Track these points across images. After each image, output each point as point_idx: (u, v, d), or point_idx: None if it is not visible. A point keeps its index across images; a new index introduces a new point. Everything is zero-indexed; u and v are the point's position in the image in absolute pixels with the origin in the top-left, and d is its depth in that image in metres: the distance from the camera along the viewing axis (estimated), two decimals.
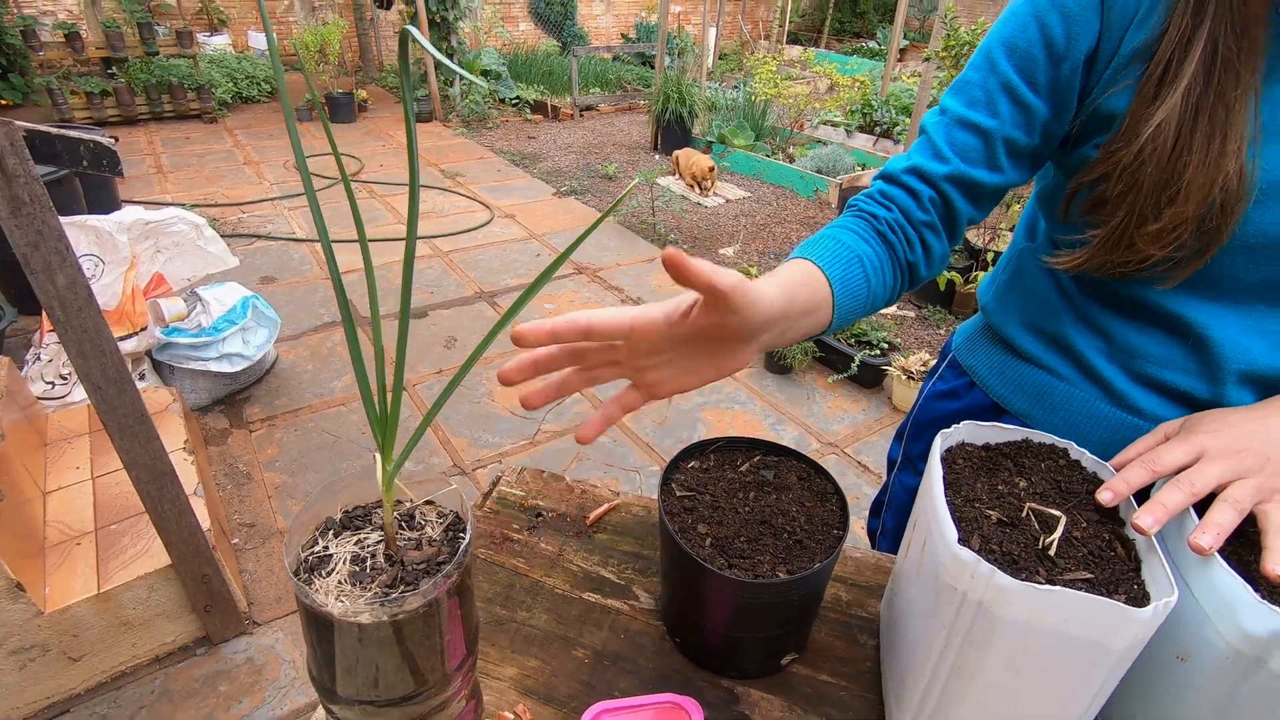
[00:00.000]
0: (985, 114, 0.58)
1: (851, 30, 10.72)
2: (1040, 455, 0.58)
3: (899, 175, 0.62)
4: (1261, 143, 0.50)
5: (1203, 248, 0.53)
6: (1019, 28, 0.57)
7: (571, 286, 3.35)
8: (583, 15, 9.00)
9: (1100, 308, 0.63)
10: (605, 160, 5.25)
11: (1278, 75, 0.51)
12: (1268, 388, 0.58)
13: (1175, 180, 0.50)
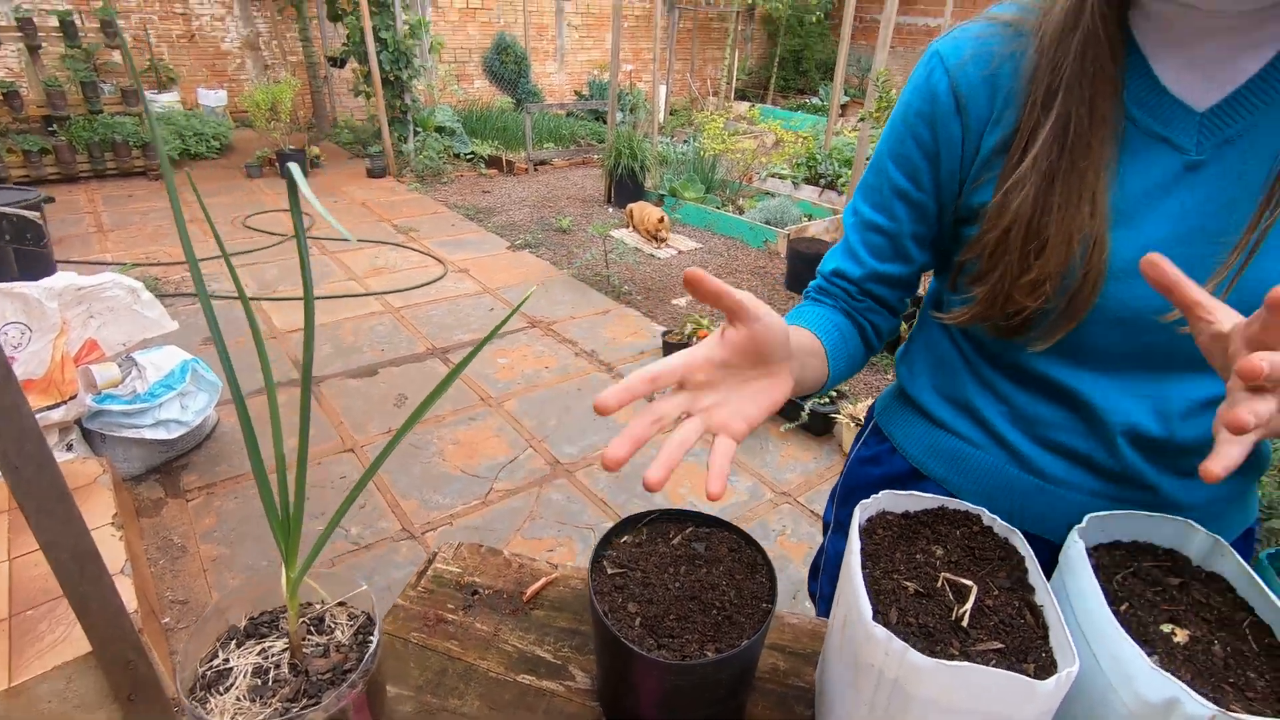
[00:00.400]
0: (887, 217, 0.67)
1: (795, 87, 11.22)
2: (955, 522, 0.60)
3: (830, 277, 0.72)
4: (1114, 224, 0.55)
5: (1071, 311, 0.57)
6: (898, 140, 0.64)
7: (525, 340, 3.35)
8: (536, 73, 9.23)
9: (999, 376, 0.67)
10: (559, 214, 5.32)
11: (1127, 159, 0.55)
12: (1155, 449, 0.62)
13: (1039, 236, 0.55)
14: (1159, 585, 0.55)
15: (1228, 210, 0.54)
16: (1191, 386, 0.60)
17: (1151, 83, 0.55)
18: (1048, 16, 0.56)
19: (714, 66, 10.89)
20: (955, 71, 0.60)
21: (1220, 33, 0.53)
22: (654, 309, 3.77)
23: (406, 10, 6.32)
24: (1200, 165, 0.54)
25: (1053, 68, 0.55)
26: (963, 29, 0.62)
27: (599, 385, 2.97)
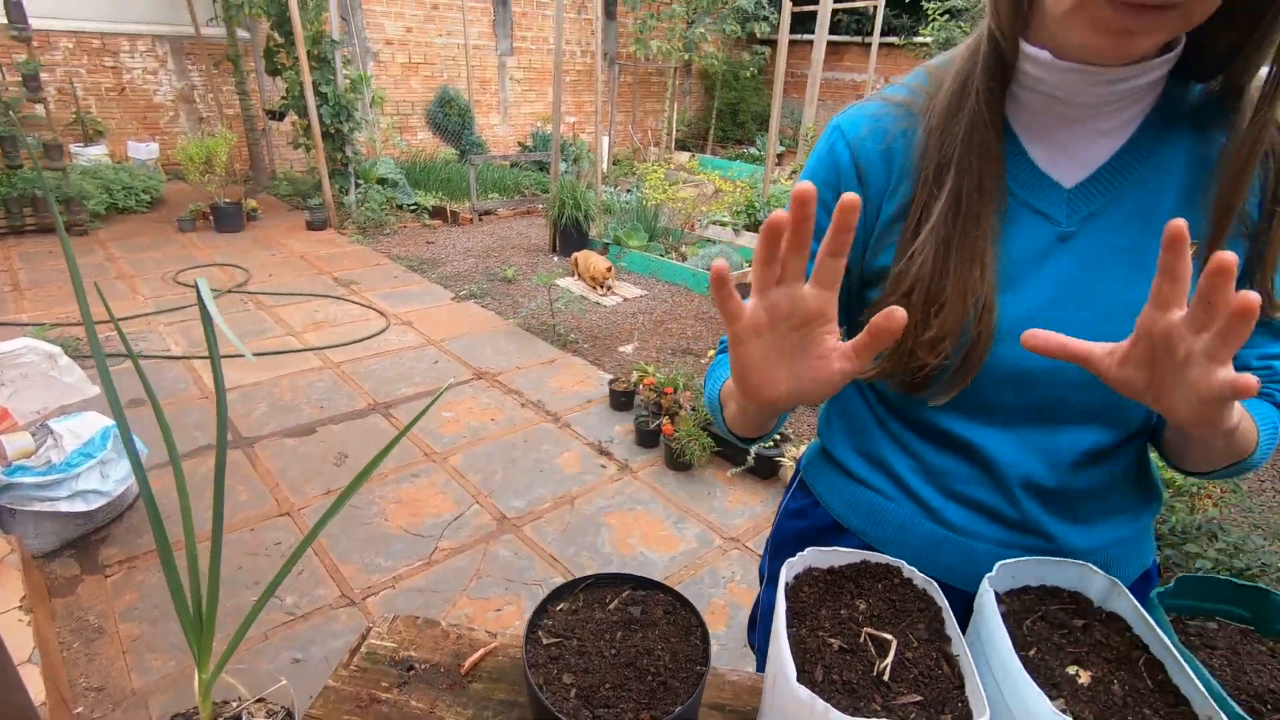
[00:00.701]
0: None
1: (733, 138, 11.66)
2: (877, 576, 0.63)
3: None
4: (1001, 288, 0.60)
5: (966, 368, 0.61)
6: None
7: (470, 393, 3.31)
8: (480, 125, 9.35)
9: (908, 432, 0.71)
10: (505, 263, 5.34)
11: (1009, 229, 0.61)
12: (1051, 498, 0.66)
13: (938, 297, 0.60)
14: (1065, 627, 0.59)
15: (1095, 276, 0.60)
16: (1078, 438, 0.64)
17: (1027, 162, 0.61)
18: (934, 101, 0.62)
19: (654, 118, 11.24)
20: (855, 145, 0.65)
21: (1080, 120, 0.59)
22: (600, 357, 3.79)
23: (347, 65, 6.35)
24: (1071, 236, 0.61)
25: (941, 146, 0.60)
26: (860, 107, 0.67)
27: (545, 437, 2.95)
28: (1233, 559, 1.85)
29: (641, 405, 3.00)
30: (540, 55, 9.82)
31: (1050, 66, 0.56)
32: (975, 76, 0.59)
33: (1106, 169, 0.60)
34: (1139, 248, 0.59)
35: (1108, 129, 0.59)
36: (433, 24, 8.67)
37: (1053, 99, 0.58)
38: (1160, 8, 0.47)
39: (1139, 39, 0.50)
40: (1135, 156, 0.59)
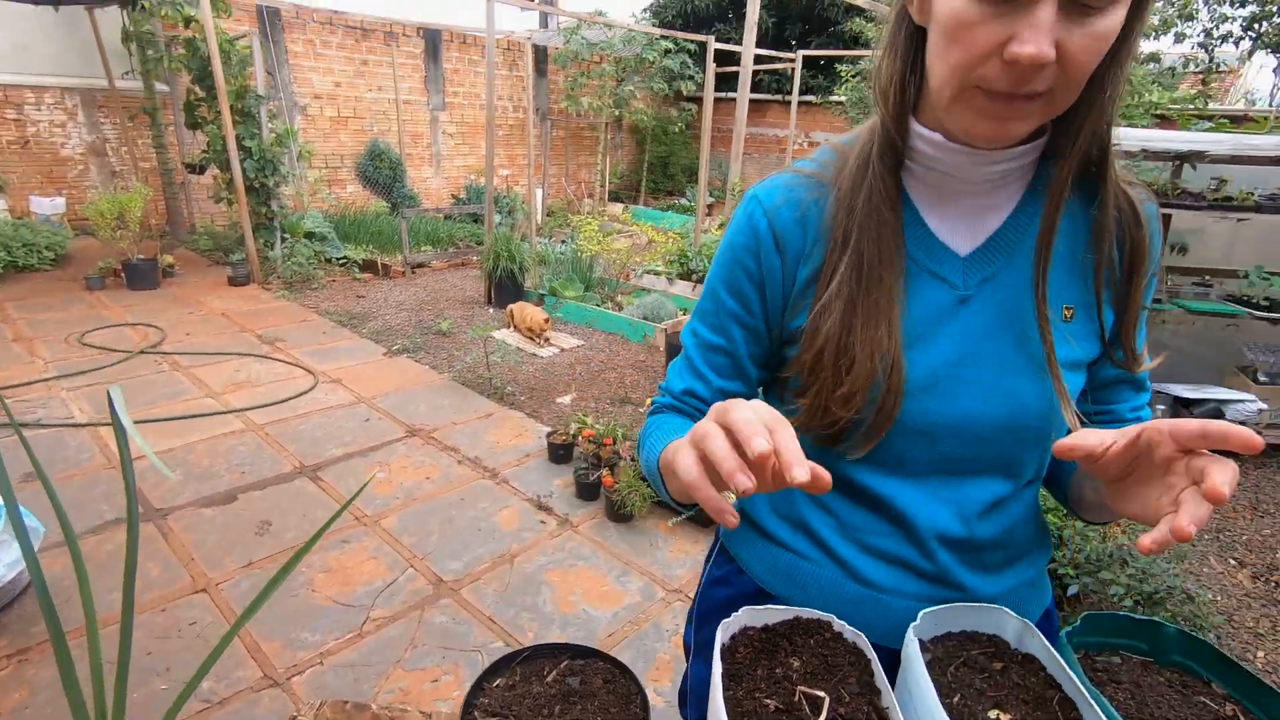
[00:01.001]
0: (724, 339, 0.73)
1: (665, 189, 12.00)
2: (809, 631, 0.64)
3: (681, 397, 0.77)
4: (907, 346, 0.65)
5: (878, 423, 0.65)
6: (728, 271, 0.72)
7: (404, 450, 3.21)
8: (413, 178, 9.32)
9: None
10: (439, 316, 5.27)
11: (912, 291, 0.66)
12: (961, 548, 0.69)
13: (847, 354, 0.64)
14: (985, 671, 0.61)
15: (991, 336, 0.65)
16: (983, 489, 0.69)
17: (926, 231, 0.67)
18: (841, 173, 0.68)
19: (587, 171, 11.47)
20: (771, 213, 0.69)
21: (970, 194, 0.66)
22: (538, 409, 3.76)
23: (273, 119, 6.26)
24: (968, 299, 0.66)
25: (848, 214, 0.65)
26: (775, 179, 0.72)
27: (483, 494, 2.89)
28: (1142, 583, 1.97)
29: (581, 457, 2.98)
30: (473, 110, 9.93)
31: (941, 147, 0.62)
32: (874, 152, 0.65)
33: (996, 239, 0.66)
34: (1026, 311, 0.65)
35: (994, 204, 0.66)
36: (362, 79, 8.67)
37: (945, 175, 0.65)
38: (1028, 97, 0.53)
39: (1014, 125, 0.56)
40: (1018, 228, 0.66)
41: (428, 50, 9.24)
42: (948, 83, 0.56)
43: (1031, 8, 0.49)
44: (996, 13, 0.50)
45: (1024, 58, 0.49)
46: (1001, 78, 0.52)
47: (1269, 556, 2.73)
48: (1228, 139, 3.51)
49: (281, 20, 7.77)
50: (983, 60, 0.52)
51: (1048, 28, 0.49)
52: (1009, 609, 0.65)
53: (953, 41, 0.53)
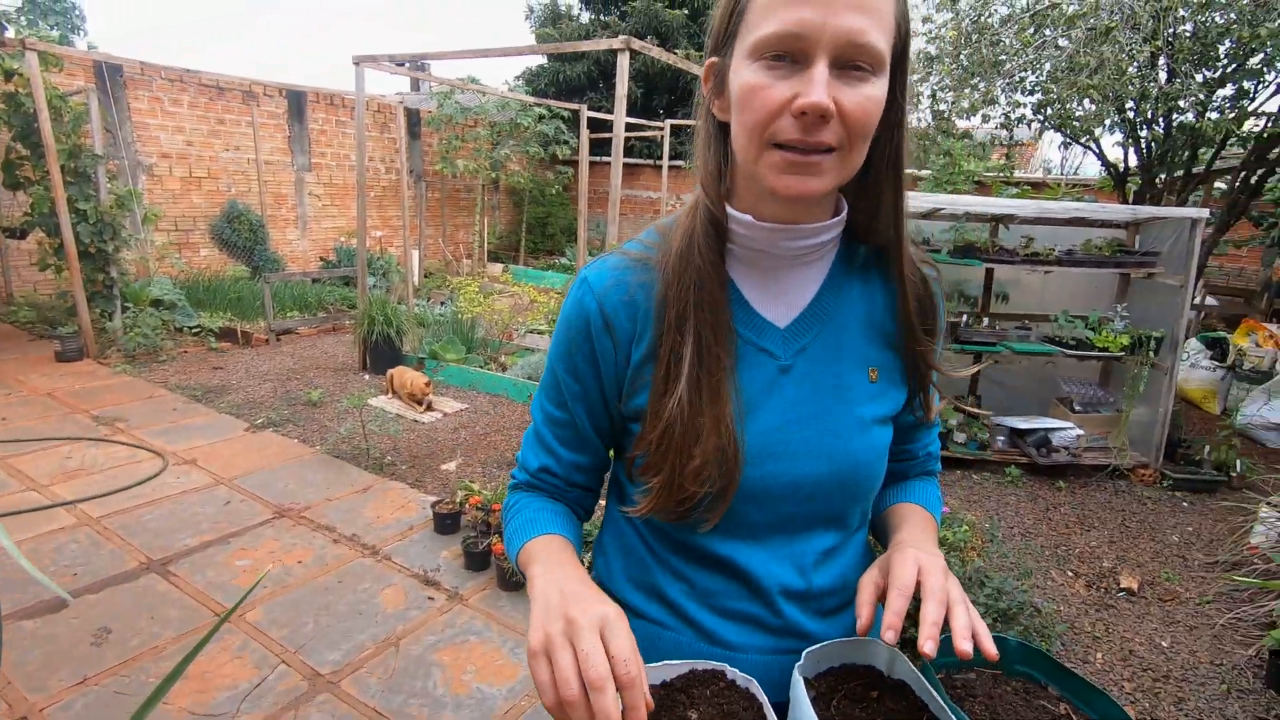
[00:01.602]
0: (566, 414, 0.77)
1: (545, 249, 12.14)
2: (705, 682, 0.67)
3: (538, 475, 0.80)
4: (742, 417, 0.69)
5: (724, 493, 0.69)
6: (565, 351, 0.75)
7: (271, 534, 2.96)
8: (276, 240, 8.85)
9: (677, 557, 0.77)
10: (309, 386, 4.97)
11: (743, 366, 0.71)
12: (802, 599, 0.75)
13: (696, 431, 0.67)
14: (863, 700, 0.67)
15: (813, 400, 0.72)
16: (817, 542, 0.75)
17: (748, 308, 0.72)
18: (667, 257, 0.71)
19: (465, 232, 11.40)
20: (601, 296, 0.72)
21: (785, 269, 0.73)
22: (422, 478, 3.61)
23: (113, 180, 5.77)
24: (789, 368, 0.72)
25: (679, 298, 0.69)
26: (604, 261, 0.75)
27: (363, 574, 2.71)
28: (998, 601, 2.16)
29: (469, 526, 2.88)
30: (342, 171, 9.65)
31: (752, 226, 0.68)
32: (697, 236, 0.69)
33: (808, 311, 0.73)
34: (840, 374, 0.73)
35: (805, 279, 0.73)
36: (218, 138, 8.22)
37: (759, 253, 0.71)
38: (821, 152, 0.60)
39: (813, 180, 0.62)
40: (827, 301, 0.73)
41: (291, 110, 8.95)
42: (751, 145, 0.62)
43: (809, 68, 0.58)
44: (781, 75, 0.59)
45: (808, 106, 0.58)
46: (793, 129, 0.59)
47: (1098, 565, 3.09)
48: (1031, 204, 4.09)
49: (124, 77, 7.27)
50: (775, 116, 0.60)
51: (824, 83, 0.58)
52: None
53: (748, 107, 0.61)
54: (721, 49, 0.66)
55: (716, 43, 0.67)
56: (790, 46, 0.58)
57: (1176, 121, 4.36)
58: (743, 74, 0.62)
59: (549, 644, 0.55)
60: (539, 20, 13.90)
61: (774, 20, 0.58)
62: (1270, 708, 2.25)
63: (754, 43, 0.60)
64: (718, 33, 0.66)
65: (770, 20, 0.59)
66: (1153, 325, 3.96)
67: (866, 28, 0.58)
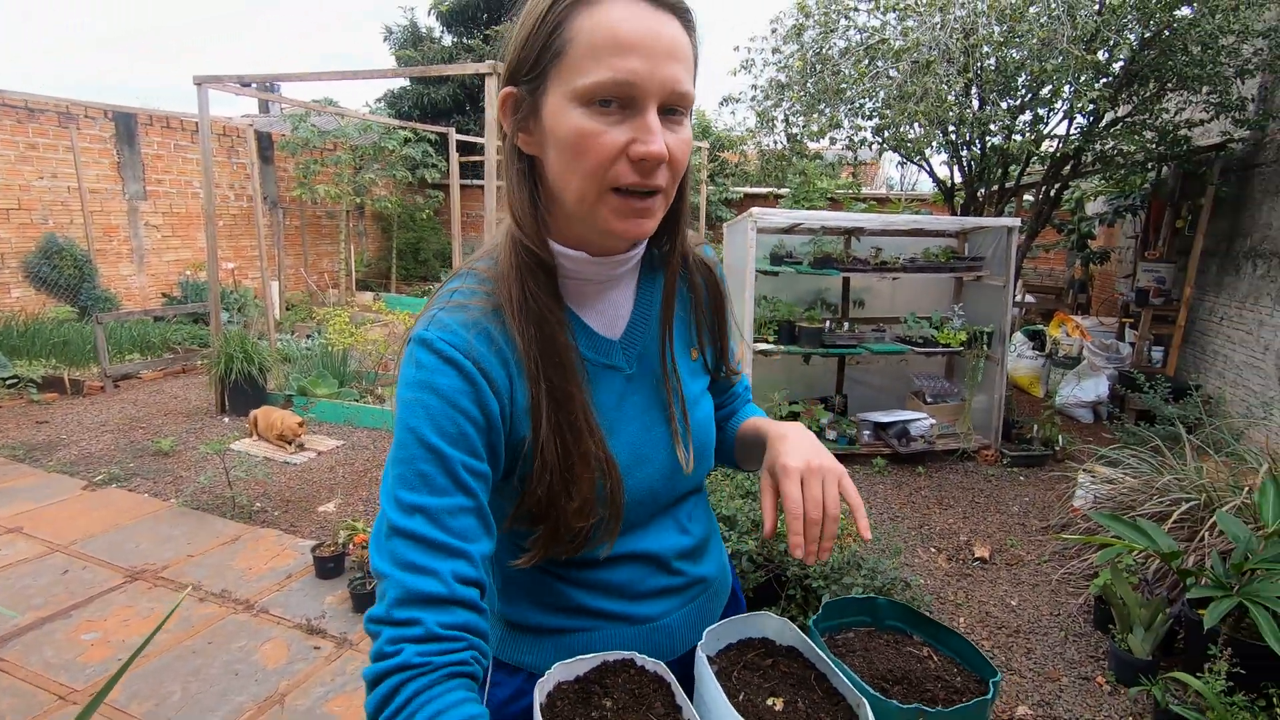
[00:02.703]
0: (465, 497, 0.63)
1: (418, 275, 11.74)
2: (617, 671, 0.71)
3: (449, 601, 0.59)
4: (608, 436, 0.72)
5: (614, 512, 0.72)
6: (447, 421, 0.63)
7: (124, 600, 2.66)
8: (109, 277, 7.97)
9: (584, 570, 0.77)
10: (158, 434, 4.51)
11: (595, 388, 0.73)
12: (690, 554, 0.83)
13: (570, 472, 0.68)
14: (759, 669, 0.73)
15: (656, 396, 0.78)
16: (690, 504, 0.84)
17: (588, 330, 0.75)
18: (507, 298, 0.69)
19: (330, 260, 10.82)
20: (468, 351, 0.65)
21: (605, 288, 0.76)
22: (297, 522, 3.38)
23: None
24: (633, 376, 0.77)
25: (527, 347, 0.68)
26: (447, 318, 0.67)
27: (237, 631, 2.50)
28: (873, 580, 2.36)
29: (355, 566, 2.74)
30: (184, 199, 8.87)
31: (584, 261, 0.71)
32: (528, 283, 0.68)
33: (634, 319, 0.78)
34: (669, 363, 0.78)
35: (621, 293, 0.78)
36: (29, 164, 7.32)
37: (583, 280, 0.73)
38: (652, 194, 0.64)
39: (646, 222, 0.65)
40: (644, 305, 0.79)
41: (120, 134, 8.14)
42: (586, 190, 0.63)
43: (643, 115, 0.61)
44: (614, 121, 0.61)
45: (651, 155, 0.60)
46: (631, 174, 0.62)
47: (956, 539, 3.42)
48: (878, 217, 4.51)
49: None
50: (612, 162, 0.61)
51: (659, 130, 0.61)
52: (721, 581, 0.88)
53: (581, 153, 0.61)
54: (528, 82, 0.64)
55: (519, 74, 0.65)
56: (622, 94, 0.60)
57: (989, 143, 4.98)
58: (570, 118, 0.61)
59: None
60: (398, 42, 13.56)
61: (604, 68, 0.59)
62: (1098, 645, 2.59)
63: (582, 88, 0.60)
64: (522, 64, 0.64)
65: (600, 68, 0.59)
66: (984, 322, 4.48)
67: (683, 76, 0.62)
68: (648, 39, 0.59)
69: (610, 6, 0.60)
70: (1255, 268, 4.68)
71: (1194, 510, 2.79)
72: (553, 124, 0.63)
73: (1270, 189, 4.62)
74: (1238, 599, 2.08)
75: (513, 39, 0.66)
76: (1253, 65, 4.37)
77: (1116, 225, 7.34)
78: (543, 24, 0.62)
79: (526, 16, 0.64)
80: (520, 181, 0.68)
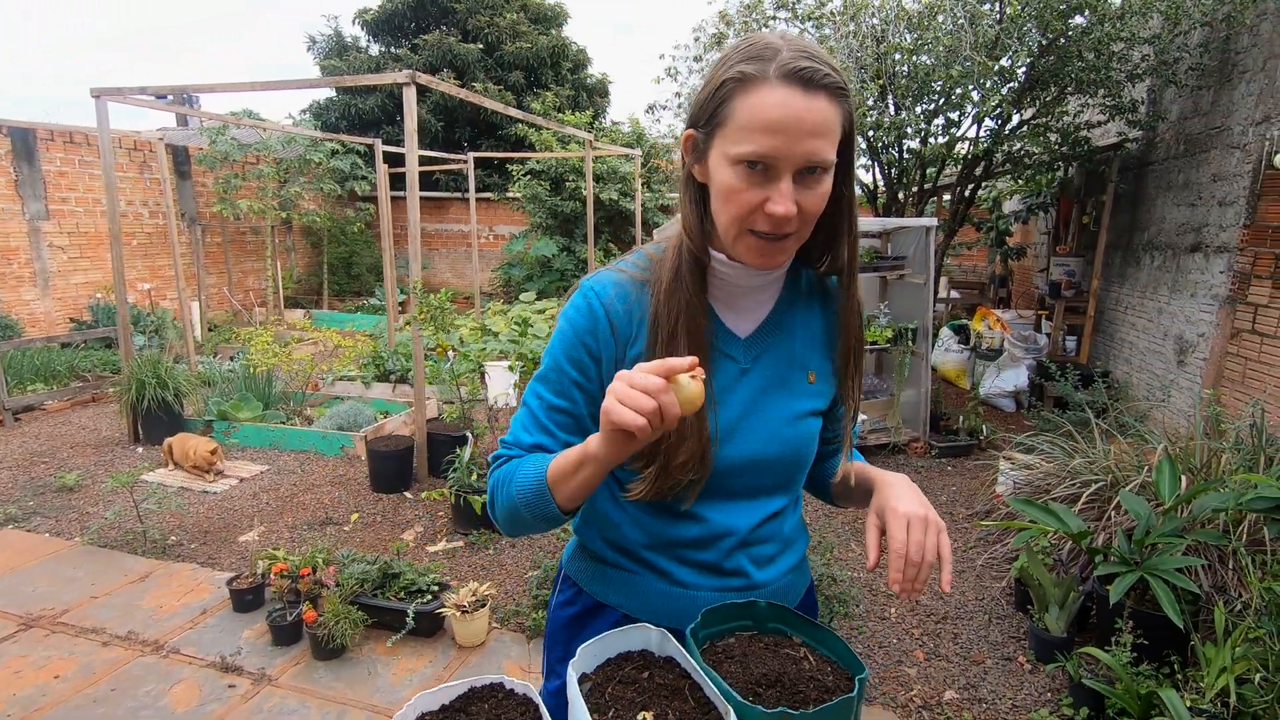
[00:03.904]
0: (568, 401, 0.87)
1: (351, 290, 11.40)
2: (483, 697, 0.68)
3: (530, 449, 0.87)
4: (712, 409, 0.84)
5: (703, 473, 0.84)
6: (570, 346, 0.86)
7: (16, 650, 2.47)
8: (8, 302, 7.48)
9: (649, 516, 0.90)
10: (61, 469, 4.23)
11: (713, 367, 0.86)
12: (749, 549, 0.91)
13: (682, 431, 0.80)
14: (635, 683, 0.72)
15: (765, 397, 0.89)
16: (767, 505, 0.92)
17: (719, 322, 0.89)
18: (659, 279, 0.85)
19: (256, 278, 10.40)
20: (607, 303, 0.85)
21: (747, 294, 0.89)
22: (216, 554, 3.21)
23: None
24: (748, 371, 0.89)
25: (668, 321, 0.83)
26: (605, 275, 0.89)
27: (145, 675, 2.35)
28: None
29: (275, 598, 2.61)
30: (93, 218, 8.40)
31: (726, 264, 0.84)
32: (684, 275, 0.83)
33: (764, 325, 0.90)
34: (787, 378, 0.90)
35: (763, 300, 0.90)
36: None
37: (728, 282, 0.87)
38: (784, 236, 0.77)
39: (778, 258, 0.80)
40: (779, 317, 0.91)
41: (17, 150, 7.65)
42: (729, 229, 0.78)
43: (778, 180, 0.73)
44: (756, 183, 0.74)
45: (779, 215, 0.73)
46: (765, 224, 0.75)
47: None
48: None
49: None
50: (750, 214, 0.75)
51: (790, 193, 0.73)
52: (781, 591, 0.94)
53: (728, 201, 0.76)
54: (702, 128, 0.79)
55: (697, 121, 0.79)
56: (765, 159, 0.72)
57: (906, 146, 5.16)
58: (725, 173, 0.75)
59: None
60: (323, 52, 13.20)
61: (751, 143, 0.72)
62: (1019, 626, 2.69)
63: (734, 155, 0.74)
64: (699, 114, 0.79)
65: (748, 142, 0.72)
66: (909, 319, 4.62)
67: (823, 147, 0.73)
68: (791, 123, 0.71)
69: (766, 92, 0.72)
70: (1153, 259, 4.98)
71: (1102, 490, 2.93)
72: (714, 172, 0.78)
73: (1162, 185, 4.93)
74: (1139, 573, 2.19)
75: (698, 93, 0.80)
76: (1141, 70, 4.67)
77: (1031, 222, 7.72)
78: (715, 94, 0.75)
79: (708, 81, 0.78)
80: (693, 202, 0.83)
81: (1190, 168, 4.53)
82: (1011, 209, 7.89)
